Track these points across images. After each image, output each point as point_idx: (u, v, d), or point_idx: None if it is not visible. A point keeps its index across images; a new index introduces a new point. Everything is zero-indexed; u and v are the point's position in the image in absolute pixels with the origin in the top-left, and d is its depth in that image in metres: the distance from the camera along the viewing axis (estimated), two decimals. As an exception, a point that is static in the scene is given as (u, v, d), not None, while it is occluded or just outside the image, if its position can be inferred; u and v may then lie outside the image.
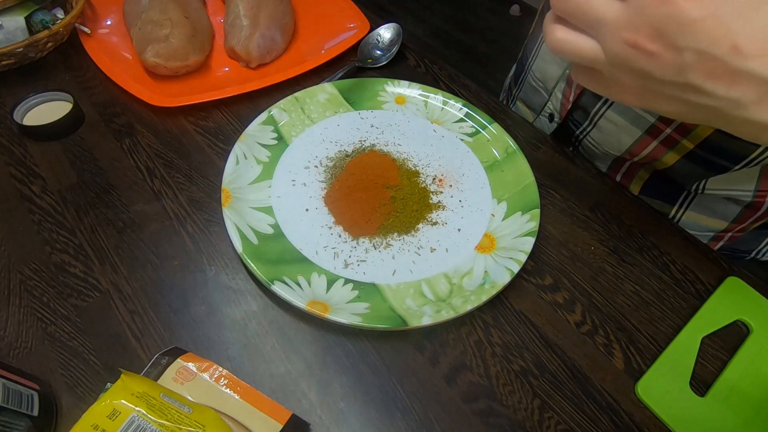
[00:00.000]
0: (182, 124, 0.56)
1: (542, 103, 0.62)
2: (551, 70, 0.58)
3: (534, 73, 0.61)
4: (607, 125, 0.54)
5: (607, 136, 0.55)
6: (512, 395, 0.39)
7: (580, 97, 0.55)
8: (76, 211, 0.48)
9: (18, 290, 0.42)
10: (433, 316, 0.40)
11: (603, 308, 0.44)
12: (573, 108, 0.57)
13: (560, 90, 0.58)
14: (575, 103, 0.56)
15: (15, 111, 0.53)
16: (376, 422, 0.38)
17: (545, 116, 0.62)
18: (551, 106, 0.60)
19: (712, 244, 0.58)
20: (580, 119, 0.57)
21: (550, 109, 0.60)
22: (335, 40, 0.65)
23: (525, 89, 0.65)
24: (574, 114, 0.58)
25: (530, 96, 0.64)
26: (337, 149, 0.53)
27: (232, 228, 0.44)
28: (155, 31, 0.57)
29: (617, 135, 0.53)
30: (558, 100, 0.58)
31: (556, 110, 0.59)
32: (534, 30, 0.62)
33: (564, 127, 0.60)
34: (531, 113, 0.65)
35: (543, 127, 0.62)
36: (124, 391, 0.31)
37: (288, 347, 0.41)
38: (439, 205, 0.50)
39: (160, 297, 0.43)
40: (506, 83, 0.75)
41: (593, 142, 0.57)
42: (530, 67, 0.62)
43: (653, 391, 0.39)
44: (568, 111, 0.57)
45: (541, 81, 0.60)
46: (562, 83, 0.57)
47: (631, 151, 0.53)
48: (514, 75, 0.67)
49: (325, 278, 0.44)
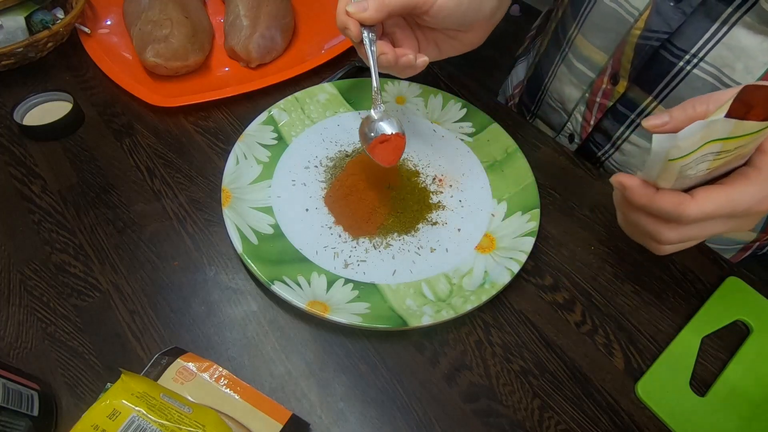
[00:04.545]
0: (182, 124, 0.56)
1: (561, 123, 0.62)
2: (569, 91, 0.58)
3: (552, 93, 0.61)
4: (630, 148, 0.54)
5: (631, 159, 0.55)
6: (512, 395, 0.39)
7: (601, 120, 0.55)
8: (76, 211, 0.48)
9: (18, 290, 0.42)
10: (433, 316, 0.40)
11: (603, 308, 0.44)
12: (594, 131, 0.57)
13: (580, 112, 0.57)
14: (596, 126, 0.56)
15: (15, 111, 0.53)
16: (376, 422, 0.38)
17: (565, 136, 0.62)
18: (571, 127, 0.60)
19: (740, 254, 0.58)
20: (602, 142, 0.57)
21: (570, 130, 0.60)
22: (335, 40, 0.65)
23: (543, 108, 0.65)
24: (596, 137, 0.58)
25: (549, 115, 0.64)
26: (337, 149, 0.53)
27: (232, 228, 0.44)
28: (155, 31, 0.57)
29: (641, 157, 0.53)
30: (578, 122, 0.58)
31: (576, 131, 0.59)
32: (547, 49, 0.61)
33: (585, 148, 0.60)
34: (551, 132, 0.65)
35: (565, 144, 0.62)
36: (124, 391, 0.31)
37: (288, 347, 0.41)
38: (439, 205, 0.50)
39: (160, 297, 0.43)
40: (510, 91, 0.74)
41: (616, 165, 0.57)
42: (548, 87, 0.62)
43: (653, 391, 0.39)
44: (588, 133, 0.58)
45: (560, 102, 0.60)
46: (581, 106, 0.57)
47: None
48: (528, 92, 0.67)
49: (325, 278, 0.44)
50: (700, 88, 0.45)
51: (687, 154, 0.28)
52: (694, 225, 0.32)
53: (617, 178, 0.32)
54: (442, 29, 0.42)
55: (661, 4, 0.45)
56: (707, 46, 0.44)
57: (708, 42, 0.43)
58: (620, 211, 0.36)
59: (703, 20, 0.43)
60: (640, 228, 0.34)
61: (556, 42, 0.59)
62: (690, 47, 0.45)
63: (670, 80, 0.47)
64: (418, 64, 0.40)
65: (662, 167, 0.29)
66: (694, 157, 0.28)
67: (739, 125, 0.27)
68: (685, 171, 0.29)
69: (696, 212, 0.30)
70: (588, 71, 0.54)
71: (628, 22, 0.48)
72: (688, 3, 0.43)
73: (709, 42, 0.43)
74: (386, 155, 0.44)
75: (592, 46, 0.52)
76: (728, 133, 0.27)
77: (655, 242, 0.34)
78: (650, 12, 0.45)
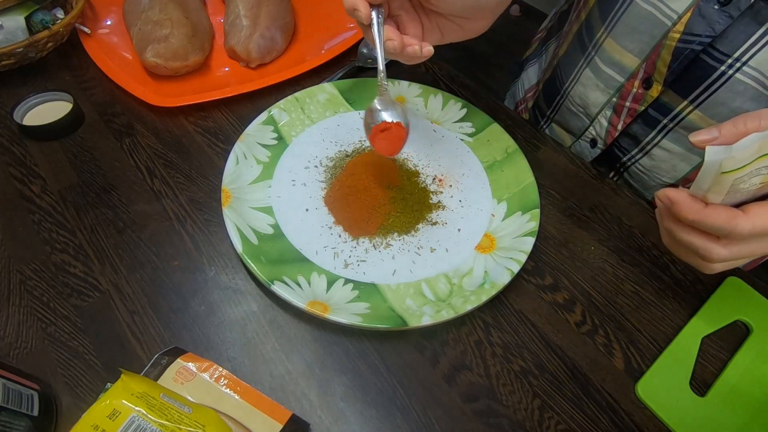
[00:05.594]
0: (182, 124, 0.56)
1: (582, 128, 0.60)
2: (594, 96, 0.57)
3: (573, 98, 0.60)
4: (660, 153, 0.53)
5: (660, 163, 0.54)
6: (512, 395, 0.39)
7: (630, 125, 0.54)
8: (76, 211, 0.48)
9: (18, 290, 0.42)
10: (433, 316, 0.40)
11: (603, 308, 0.44)
12: (620, 135, 0.56)
13: (605, 117, 0.56)
14: (624, 131, 0.55)
15: (15, 111, 0.53)
16: (376, 422, 0.38)
17: (586, 141, 0.61)
18: (593, 131, 0.59)
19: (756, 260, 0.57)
20: (628, 147, 0.56)
21: (592, 134, 0.59)
22: (335, 40, 0.65)
23: (562, 113, 0.63)
24: (621, 141, 0.57)
25: (568, 120, 0.63)
26: (337, 149, 0.53)
27: (232, 228, 0.44)
28: (155, 31, 0.57)
29: (672, 162, 0.52)
30: (603, 127, 0.57)
31: (599, 136, 0.58)
32: (568, 52, 0.60)
33: (608, 153, 0.59)
34: (569, 137, 0.64)
35: (582, 151, 0.61)
36: (124, 391, 0.31)
37: (288, 347, 0.41)
38: (439, 205, 0.50)
39: (160, 297, 0.43)
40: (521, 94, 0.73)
41: (643, 170, 0.56)
42: (568, 92, 0.60)
43: (653, 391, 0.39)
44: (614, 138, 0.56)
45: (582, 106, 0.59)
46: (607, 110, 0.56)
47: (687, 178, 0.52)
48: (545, 97, 0.66)
49: (325, 278, 0.44)
50: (742, 93, 0.44)
51: (741, 166, 0.28)
52: (745, 241, 0.31)
53: (664, 192, 0.31)
54: (448, 15, 0.42)
55: (705, 6, 0.43)
56: (752, 51, 0.42)
57: (753, 46, 0.42)
58: (666, 228, 0.35)
59: (749, 24, 0.42)
60: (688, 245, 0.33)
61: (580, 45, 0.57)
62: (733, 51, 0.43)
63: (709, 85, 0.46)
64: (424, 53, 0.40)
65: (714, 180, 0.29)
66: (747, 171, 0.28)
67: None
68: (738, 185, 0.29)
69: (749, 228, 0.29)
70: (617, 75, 0.53)
71: (665, 25, 0.46)
72: (735, 6, 0.42)
73: (754, 46, 0.42)
74: (386, 145, 0.44)
75: (623, 50, 0.51)
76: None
77: (705, 260, 0.33)
78: (692, 14, 0.44)
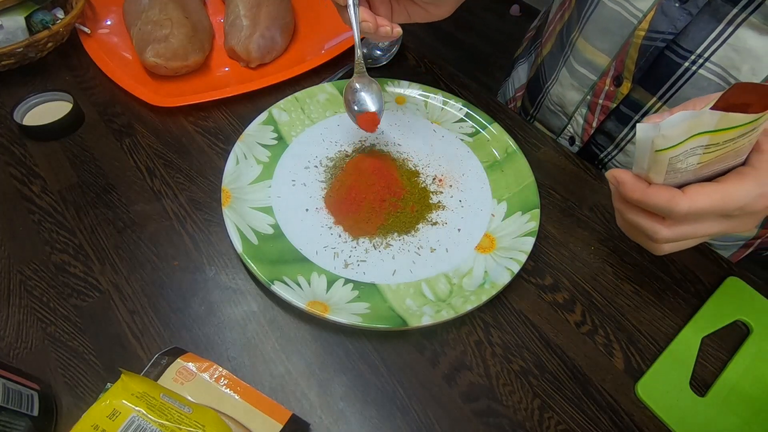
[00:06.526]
0: (182, 124, 0.56)
1: (561, 126, 0.62)
2: (570, 95, 0.58)
3: (552, 97, 0.61)
4: (634, 149, 0.54)
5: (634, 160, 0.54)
6: (512, 395, 0.39)
7: (604, 122, 0.55)
8: (76, 211, 0.48)
9: (18, 290, 0.42)
10: (433, 316, 0.40)
11: (603, 308, 0.44)
12: (596, 132, 0.57)
13: (581, 115, 0.57)
14: (599, 128, 0.56)
15: (15, 111, 0.53)
16: (376, 422, 0.38)
17: (565, 139, 0.62)
18: (571, 130, 0.60)
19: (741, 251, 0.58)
20: (604, 144, 0.57)
21: (570, 132, 0.61)
22: (335, 40, 0.65)
23: (542, 112, 0.65)
24: (598, 138, 0.58)
25: (548, 119, 0.64)
26: (337, 149, 0.53)
27: (232, 228, 0.44)
28: (155, 31, 0.57)
29: None
30: (579, 125, 0.59)
31: (576, 134, 0.60)
32: (552, 52, 0.61)
33: (586, 150, 0.60)
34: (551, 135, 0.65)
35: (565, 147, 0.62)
36: (124, 391, 0.31)
37: (288, 347, 0.41)
38: (439, 205, 0.50)
39: (160, 297, 0.43)
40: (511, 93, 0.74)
41: (619, 166, 0.57)
42: (549, 91, 0.62)
43: (653, 391, 0.39)
44: (590, 135, 0.57)
45: (560, 105, 0.60)
46: (583, 108, 0.57)
47: None
48: (529, 95, 0.67)
49: (325, 278, 0.44)
50: (706, 88, 0.45)
51: (674, 145, 0.28)
52: (687, 222, 0.32)
53: (611, 172, 0.32)
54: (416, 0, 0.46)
55: (667, 4, 0.45)
56: (713, 47, 0.44)
57: (713, 42, 0.44)
58: (617, 210, 0.36)
59: (708, 20, 0.43)
60: (636, 226, 0.34)
61: (560, 45, 0.58)
62: (695, 48, 0.45)
63: (675, 81, 0.47)
64: (394, 34, 0.45)
65: (651, 159, 0.29)
66: (682, 150, 0.28)
67: (725, 118, 0.27)
68: (675, 164, 0.29)
69: (687, 207, 0.30)
70: (590, 74, 0.54)
71: (631, 23, 0.48)
72: (693, 3, 0.43)
73: (715, 42, 0.43)
74: (366, 125, 0.49)
75: (594, 49, 0.53)
76: (714, 125, 0.27)
77: (652, 241, 0.34)
78: (655, 13, 0.46)
